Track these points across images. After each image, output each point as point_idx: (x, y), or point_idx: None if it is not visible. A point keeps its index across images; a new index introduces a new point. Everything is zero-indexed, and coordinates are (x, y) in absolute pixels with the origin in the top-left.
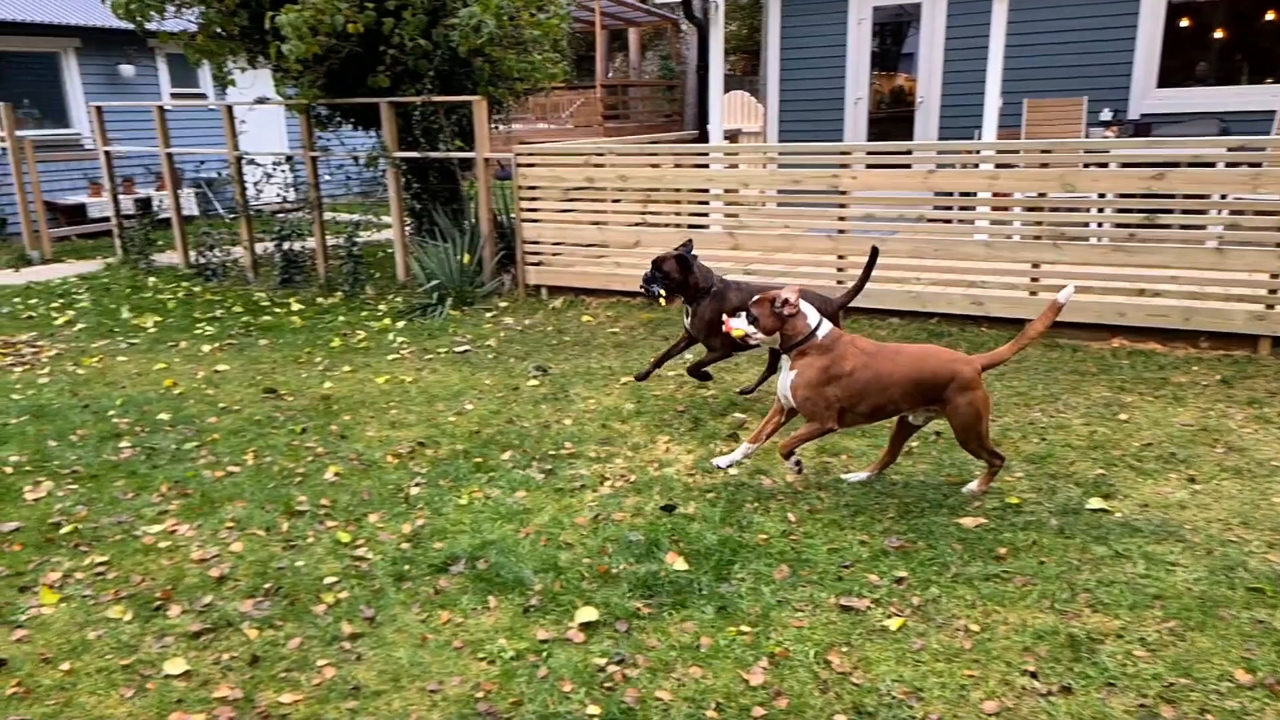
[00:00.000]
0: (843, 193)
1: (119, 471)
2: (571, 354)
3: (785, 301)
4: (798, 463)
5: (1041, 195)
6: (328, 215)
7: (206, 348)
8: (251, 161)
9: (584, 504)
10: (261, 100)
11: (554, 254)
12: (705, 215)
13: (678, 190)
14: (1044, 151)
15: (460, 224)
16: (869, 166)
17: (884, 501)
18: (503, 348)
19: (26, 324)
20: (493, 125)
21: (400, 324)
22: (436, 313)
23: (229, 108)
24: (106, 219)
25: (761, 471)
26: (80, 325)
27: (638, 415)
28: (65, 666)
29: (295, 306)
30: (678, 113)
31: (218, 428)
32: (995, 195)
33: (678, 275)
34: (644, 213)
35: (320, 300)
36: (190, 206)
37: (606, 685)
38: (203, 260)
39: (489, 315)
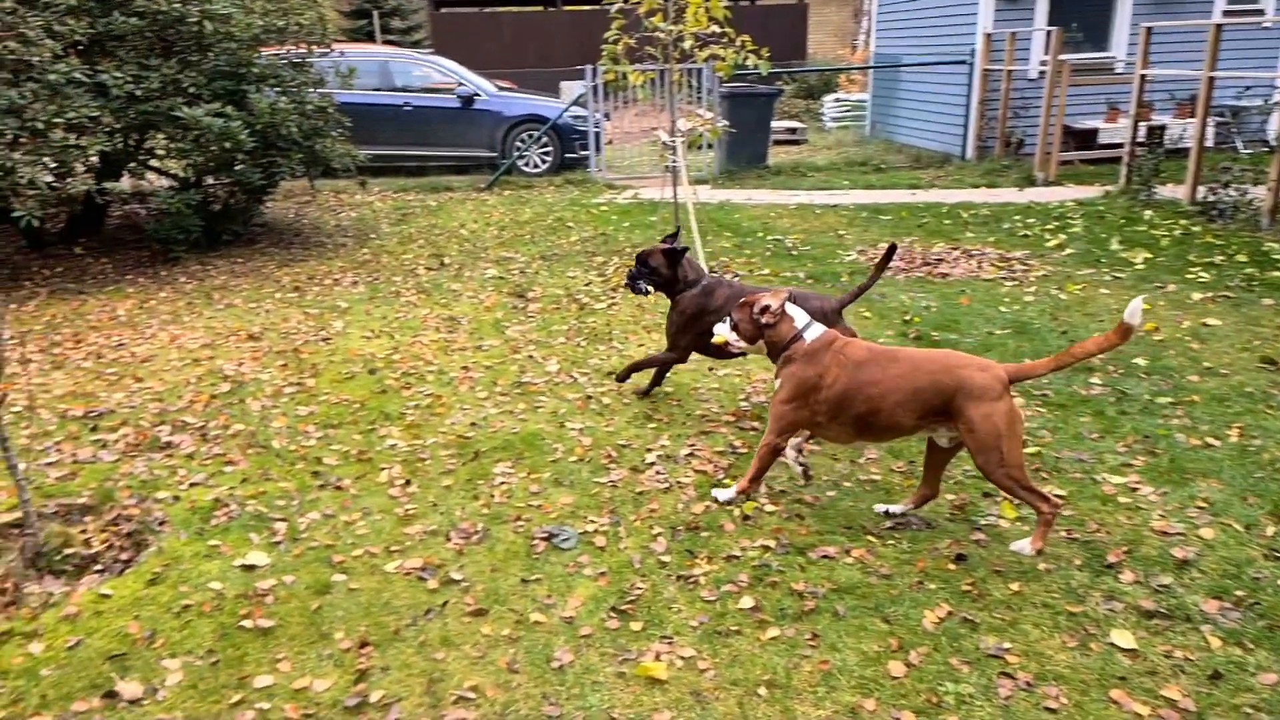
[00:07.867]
0: None
1: (1087, 407)
2: None
3: (765, 309)
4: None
5: None
6: None
7: (1196, 295)
8: None
9: None
10: None
11: None
12: None
13: None
14: None
15: None
16: None
17: None
18: None
19: (1021, 242)
20: None
21: None
22: None
23: None
24: (1115, 145)
25: None
26: (1069, 250)
27: None
28: (1014, 586)
29: None
30: None
31: (1198, 388)
32: None
33: (666, 271)
34: None
35: None
36: (1207, 137)
37: None
38: (1212, 198)
39: None
